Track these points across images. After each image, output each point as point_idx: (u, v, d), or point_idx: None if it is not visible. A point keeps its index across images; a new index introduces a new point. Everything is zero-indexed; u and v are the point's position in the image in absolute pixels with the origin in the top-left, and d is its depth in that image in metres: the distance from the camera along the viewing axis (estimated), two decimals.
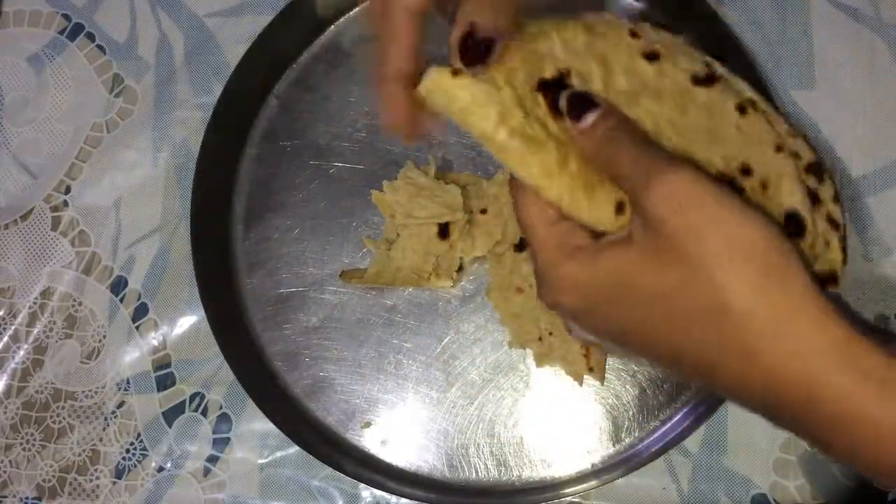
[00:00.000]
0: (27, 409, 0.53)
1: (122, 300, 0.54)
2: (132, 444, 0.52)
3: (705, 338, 0.27)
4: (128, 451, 0.52)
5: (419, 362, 0.50)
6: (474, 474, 0.49)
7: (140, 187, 0.55)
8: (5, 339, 0.54)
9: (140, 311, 0.53)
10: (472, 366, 0.50)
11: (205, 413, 0.51)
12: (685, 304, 0.27)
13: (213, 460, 0.51)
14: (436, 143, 0.52)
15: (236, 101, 0.53)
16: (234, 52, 0.55)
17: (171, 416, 0.52)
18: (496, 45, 0.30)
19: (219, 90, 0.53)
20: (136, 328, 0.53)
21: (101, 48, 0.58)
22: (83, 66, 0.58)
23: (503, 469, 0.48)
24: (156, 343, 0.53)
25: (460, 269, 0.50)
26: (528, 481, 0.48)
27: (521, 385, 0.49)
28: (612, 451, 0.48)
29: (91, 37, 0.58)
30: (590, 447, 0.48)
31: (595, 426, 0.48)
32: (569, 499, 0.47)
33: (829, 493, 0.47)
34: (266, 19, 0.53)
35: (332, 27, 0.55)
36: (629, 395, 0.48)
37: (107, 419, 0.52)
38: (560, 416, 0.48)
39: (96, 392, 0.53)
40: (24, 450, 0.53)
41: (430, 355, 0.50)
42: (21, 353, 0.54)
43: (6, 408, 0.53)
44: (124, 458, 0.52)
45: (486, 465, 0.49)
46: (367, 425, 0.50)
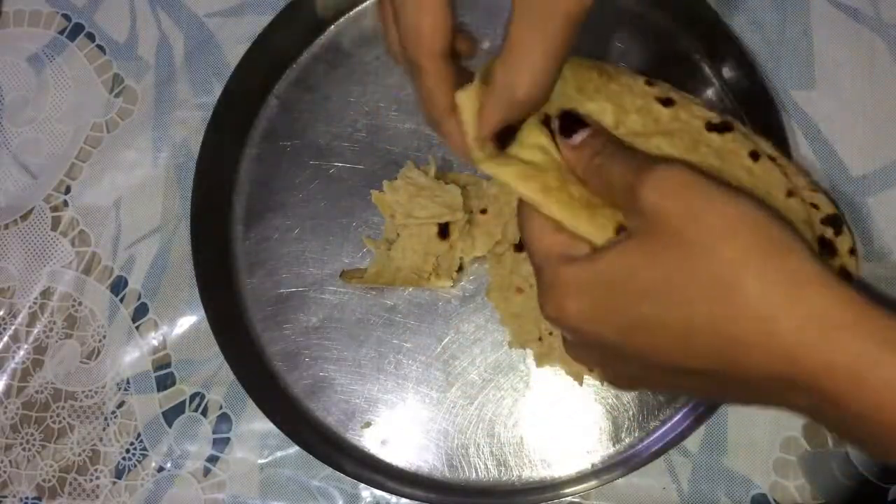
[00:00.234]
0: (27, 409, 0.53)
1: (122, 300, 0.54)
2: (132, 444, 0.52)
3: (716, 314, 0.26)
4: (128, 451, 0.52)
5: (419, 362, 0.50)
6: (474, 474, 0.49)
7: (140, 187, 0.55)
8: (5, 339, 0.54)
9: (140, 311, 0.53)
10: (472, 366, 0.50)
11: (205, 413, 0.51)
12: (691, 283, 0.27)
13: (213, 460, 0.51)
14: (436, 143, 0.52)
15: (236, 101, 0.53)
16: (234, 52, 0.55)
17: (171, 416, 0.52)
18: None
19: (219, 90, 0.53)
20: (136, 328, 0.53)
21: (101, 48, 0.58)
22: (83, 66, 0.58)
23: (503, 469, 0.48)
24: (156, 343, 0.53)
25: (460, 269, 0.50)
26: (528, 481, 0.48)
27: (521, 385, 0.49)
28: (612, 451, 0.48)
29: (91, 37, 0.58)
30: (590, 447, 0.48)
31: (595, 426, 0.48)
32: (569, 499, 0.47)
33: (829, 493, 0.46)
34: (266, 19, 0.53)
35: (332, 27, 0.55)
36: (629, 395, 0.48)
37: (107, 419, 0.52)
38: (560, 416, 0.48)
39: (96, 392, 0.53)
40: (24, 450, 0.53)
41: (430, 355, 0.50)
42: (21, 353, 0.54)
43: (6, 408, 0.53)
44: (124, 458, 0.52)
45: (486, 465, 0.49)
46: (367, 425, 0.50)
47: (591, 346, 0.32)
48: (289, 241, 0.53)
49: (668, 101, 0.34)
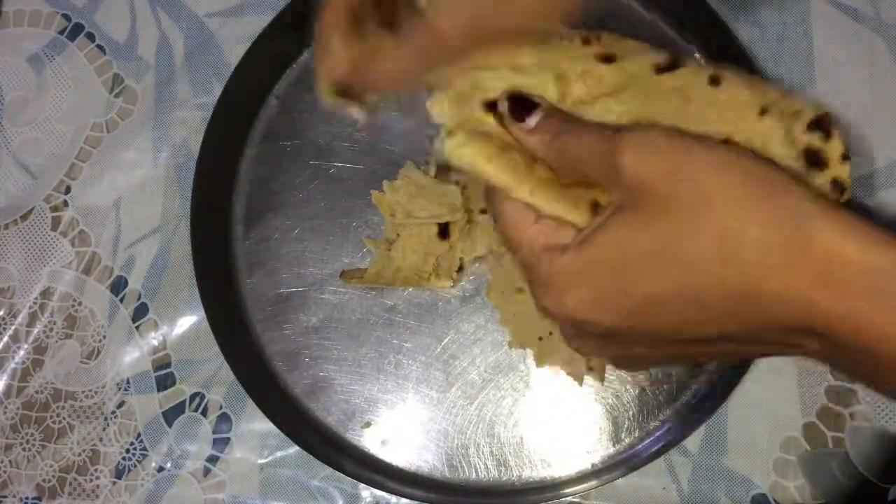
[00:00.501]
0: (27, 409, 0.53)
1: (122, 300, 0.54)
2: (132, 444, 0.52)
3: (727, 273, 0.25)
4: (128, 451, 0.52)
5: (419, 362, 0.50)
6: (474, 474, 0.49)
7: (140, 187, 0.55)
8: (5, 339, 0.54)
9: (140, 311, 0.53)
10: (472, 366, 0.50)
11: (205, 413, 0.51)
12: (694, 246, 0.25)
13: (213, 460, 0.51)
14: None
15: (236, 101, 0.53)
16: (234, 52, 0.55)
17: (171, 416, 0.52)
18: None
19: (219, 90, 0.53)
20: (136, 328, 0.53)
21: (101, 48, 0.58)
22: (83, 66, 0.58)
23: (503, 469, 0.48)
24: (156, 343, 0.53)
25: (460, 269, 0.50)
26: (528, 481, 0.48)
27: (521, 385, 0.49)
28: (612, 451, 0.48)
29: (91, 37, 0.58)
30: (590, 447, 0.48)
31: (595, 426, 0.48)
32: (569, 499, 0.47)
33: (829, 493, 0.46)
34: (266, 19, 0.53)
35: None
36: (629, 395, 0.48)
37: (107, 419, 0.52)
38: (560, 416, 0.48)
39: (96, 392, 0.53)
40: (24, 450, 0.53)
41: (430, 355, 0.50)
42: (21, 353, 0.54)
43: (6, 408, 0.53)
44: (124, 458, 0.52)
45: (486, 465, 0.49)
46: (367, 425, 0.50)
47: (594, 336, 0.30)
48: (289, 241, 0.53)
49: (608, 58, 0.32)
